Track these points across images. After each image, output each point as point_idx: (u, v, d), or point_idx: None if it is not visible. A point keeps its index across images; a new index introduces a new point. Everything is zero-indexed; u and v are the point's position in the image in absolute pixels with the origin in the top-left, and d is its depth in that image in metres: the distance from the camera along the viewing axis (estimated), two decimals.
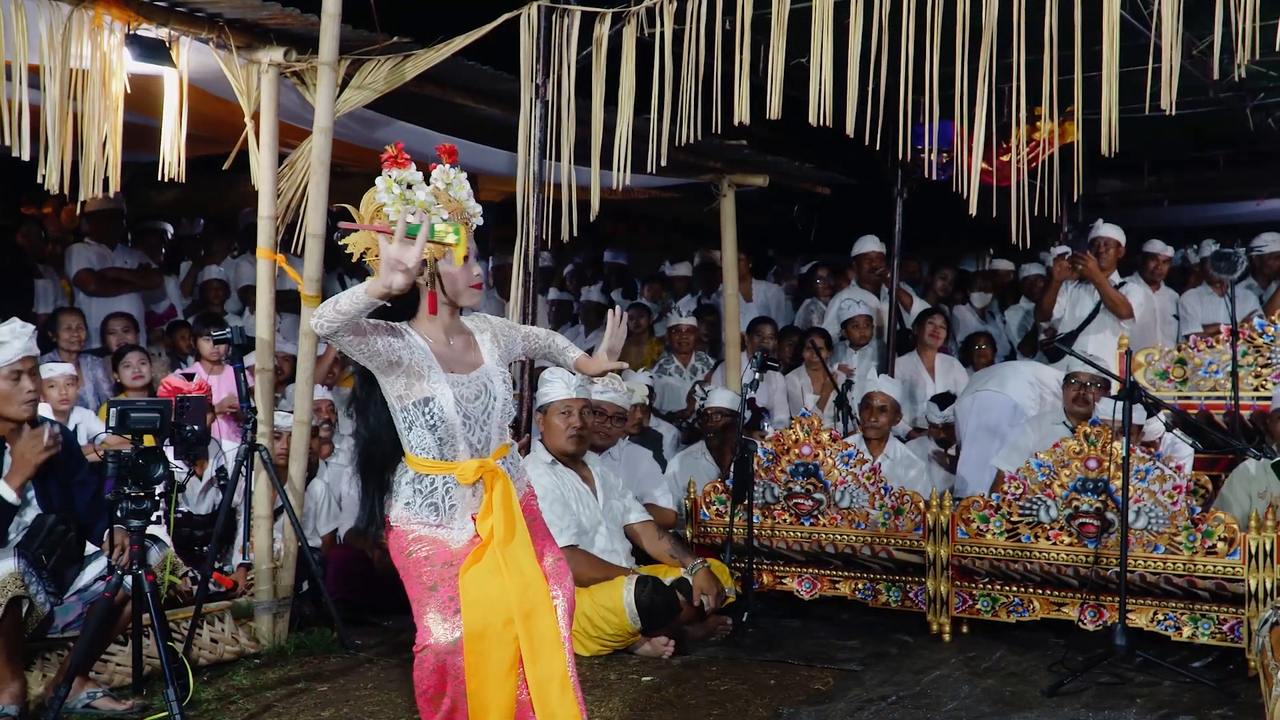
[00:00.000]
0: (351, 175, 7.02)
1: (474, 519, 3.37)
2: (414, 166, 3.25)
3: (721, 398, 7.19)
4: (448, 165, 3.33)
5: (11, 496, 4.36)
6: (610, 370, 3.63)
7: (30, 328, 4.59)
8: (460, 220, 3.31)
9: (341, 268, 8.79)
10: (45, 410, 5.83)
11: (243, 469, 5.25)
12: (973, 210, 4.86)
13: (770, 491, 6.10)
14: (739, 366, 8.29)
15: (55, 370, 6.12)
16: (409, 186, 3.22)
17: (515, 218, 5.81)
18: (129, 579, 4.29)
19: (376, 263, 3.29)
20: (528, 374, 5.82)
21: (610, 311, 3.68)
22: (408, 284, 2.93)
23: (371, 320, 3.18)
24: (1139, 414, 5.79)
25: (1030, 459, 5.61)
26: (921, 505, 5.79)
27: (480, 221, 3.41)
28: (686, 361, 8.94)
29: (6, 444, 4.56)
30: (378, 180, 3.25)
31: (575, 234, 5.73)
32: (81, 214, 8.03)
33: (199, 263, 9.41)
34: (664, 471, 7.07)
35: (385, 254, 2.91)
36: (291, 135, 5.81)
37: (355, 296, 2.97)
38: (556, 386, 5.51)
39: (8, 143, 4.74)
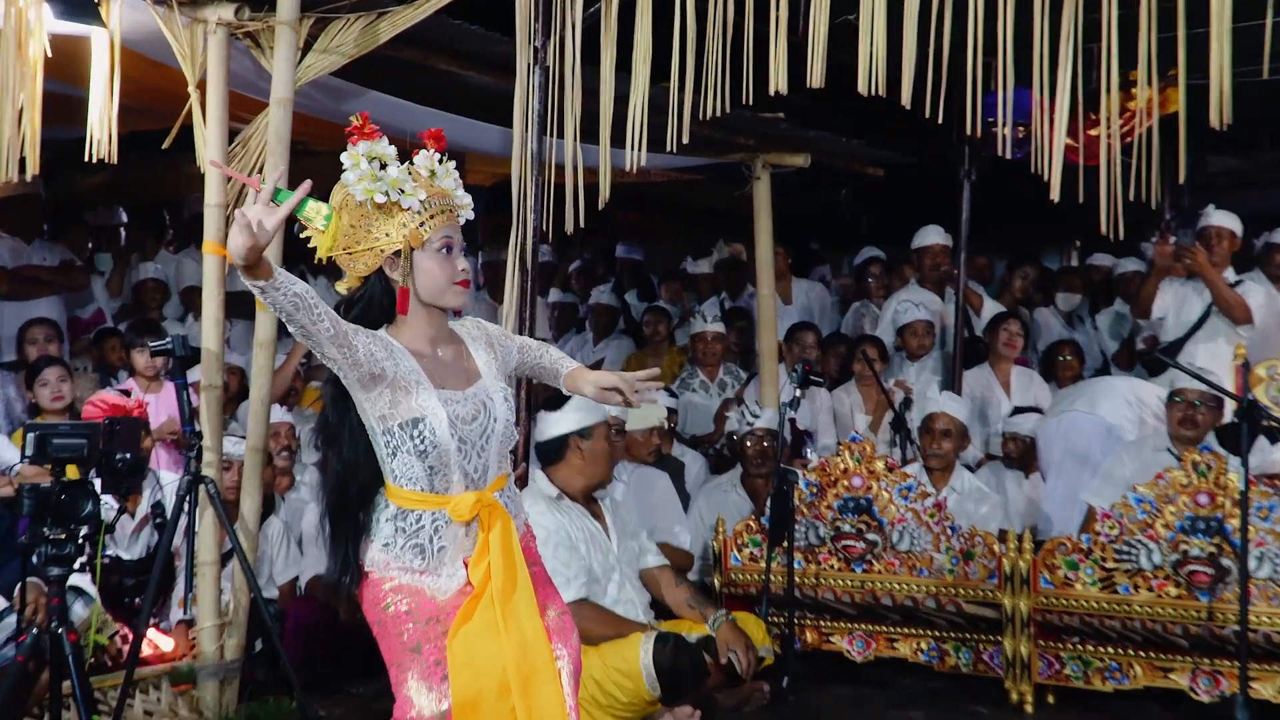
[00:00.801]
0: (316, 154, 7.02)
1: (466, 564, 3.37)
2: (386, 139, 3.26)
3: (765, 418, 7.18)
4: (434, 152, 3.35)
5: None
6: (614, 389, 3.59)
7: None
8: (443, 209, 3.32)
9: (304, 264, 8.80)
10: None
11: (184, 505, 5.24)
12: (1055, 195, 4.84)
13: (814, 531, 6.09)
14: (776, 382, 8.28)
15: None
16: (383, 166, 3.24)
17: (510, 205, 5.81)
18: (46, 639, 4.28)
19: (344, 257, 3.31)
20: (525, 391, 5.81)
21: (646, 372, 3.65)
22: (247, 251, 2.84)
23: (353, 324, 3.19)
24: (1260, 441, 5.77)
25: (1128, 493, 5.59)
26: (996, 548, 5.77)
27: (470, 215, 3.42)
28: (713, 375, 8.94)
29: None
30: (343, 157, 3.26)
31: (581, 225, 5.72)
32: None
33: (121, 256, 9.43)
34: (686, 506, 7.05)
35: (246, 207, 2.88)
36: (244, 108, 5.82)
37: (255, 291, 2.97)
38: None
39: None
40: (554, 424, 5.52)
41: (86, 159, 5.51)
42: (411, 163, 3.35)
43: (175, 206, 9.90)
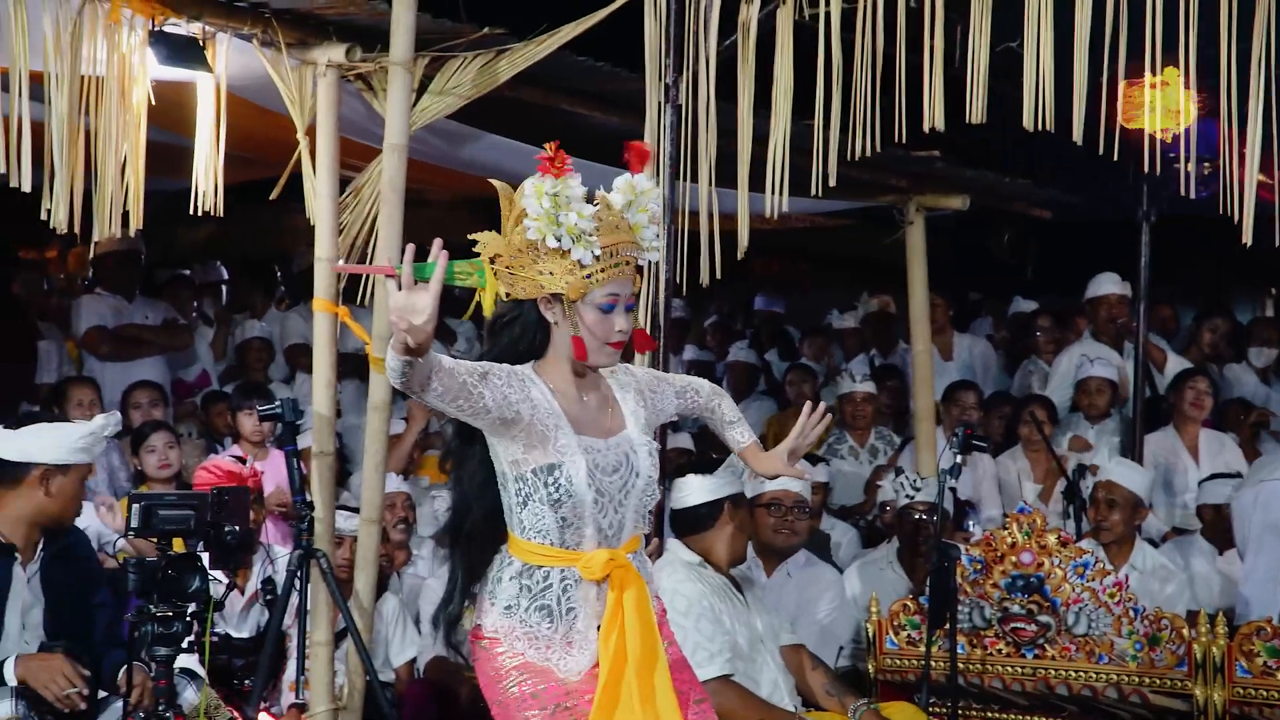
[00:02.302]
0: (430, 204, 7.15)
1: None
2: (578, 179, 3.35)
3: (927, 490, 7.10)
4: (637, 176, 3.43)
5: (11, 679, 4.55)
6: (787, 475, 3.68)
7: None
8: (618, 262, 3.39)
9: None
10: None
11: (295, 581, 5.33)
12: (1247, 238, 4.78)
13: (979, 612, 6.02)
14: (934, 447, 8.23)
15: None
16: (567, 203, 3.31)
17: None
18: None
19: (505, 273, 3.36)
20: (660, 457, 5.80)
21: (809, 406, 3.71)
22: (425, 340, 2.92)
23: (481, 365, 3.23)
24: None
25: None
26: (1186, 633, 5.66)
27: (654, 257, 3.49)
28: (863, 440, 8.91)
29: (18, 555, 4.76)
30: (528, 184, 3.33)
31: (717, 276, 5.75)
32: (92, 258, 8.31)
33: (222, 315, 9.68)
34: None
35: (391, 303, 2.92)
36: (356, 154, 5.95)
37: (392, 354, 3.00)
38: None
39: (3, 169, 4.84)
40: (704, 489, 5.50)
41: (192, 212, 5.64)
42: (606, 193, 3.43)
43: (284, 261, 10.16)
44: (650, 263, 4.82)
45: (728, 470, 5.50)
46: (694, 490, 5.45)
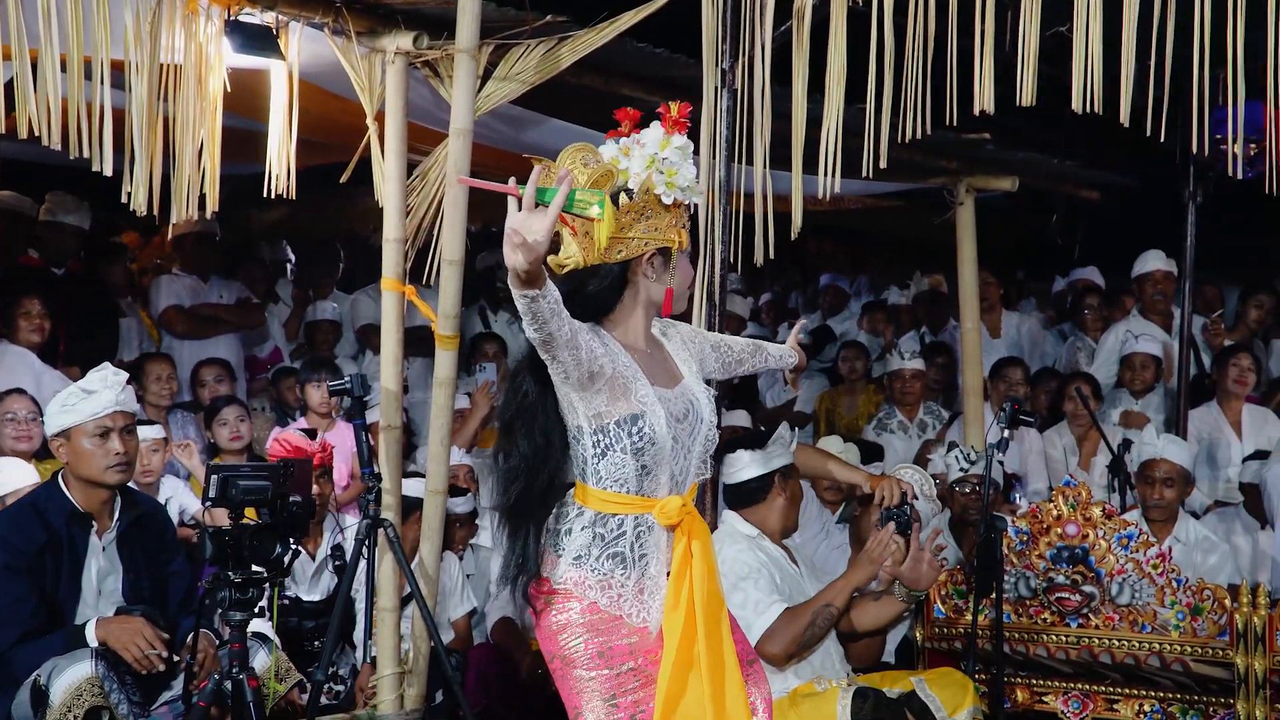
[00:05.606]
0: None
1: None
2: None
3: (981, 463, 7.08)
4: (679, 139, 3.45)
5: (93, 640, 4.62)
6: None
7: (123, 377, 4.91)
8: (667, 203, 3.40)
9: (484, 300, 9.03)
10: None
11: (363, 549, 5.33)
12: None
13: (1025, 583, 6.00)
14: (982, 421, 8.21)
15: (140, 432, 6.40)
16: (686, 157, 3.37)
17: (697, 235, 5.86)
18: (228, 685, 4.41)
19: (589, 241, 3.31)
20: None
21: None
22: (533, 264, 2.89)
23: (575, 320, 3.21)
24: None
25: None
26: (1228, 603, 5.63)
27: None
28: (913, 415, 8.87)
29: (95, 523, 4.83)
30: (647, 136, 3.38)
31: (771, 256, 5.74)
32: (170, 239, 8.39)
33: (301, 297, 9.76)
34: None
35: (508, 222, 2.89)
36: (423, 139, 5.98)
37: (516, 296, 2.99)
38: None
39: (87, 154, 4.87)
40: (755, 463, 5.49)
41: (265, 194, 5.71)
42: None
43: (353, 242, 10.22)
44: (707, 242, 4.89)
45: (777, 444, 5.50)
46: (745, 465, 5.45)
